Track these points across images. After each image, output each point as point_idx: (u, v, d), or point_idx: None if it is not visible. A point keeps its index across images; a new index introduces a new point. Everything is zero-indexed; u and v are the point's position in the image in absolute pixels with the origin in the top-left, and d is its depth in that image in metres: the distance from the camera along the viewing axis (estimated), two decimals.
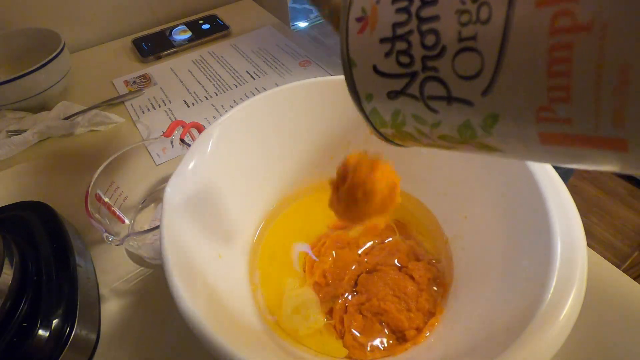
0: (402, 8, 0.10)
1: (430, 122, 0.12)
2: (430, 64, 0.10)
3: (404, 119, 0.12)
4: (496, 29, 0.09)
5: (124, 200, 0.35)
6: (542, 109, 0.09)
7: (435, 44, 0.10)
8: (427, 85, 0.11)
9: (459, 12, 0.09)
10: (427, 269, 0.30)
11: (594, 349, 0.27)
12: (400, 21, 0.11)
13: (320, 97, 0.33)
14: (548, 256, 0.20)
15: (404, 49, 0.11)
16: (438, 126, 0.11)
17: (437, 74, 0.10)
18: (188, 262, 0.23)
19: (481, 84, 0.09)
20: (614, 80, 0.07)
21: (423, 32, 0.10)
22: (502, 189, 0.27)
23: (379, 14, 0.11)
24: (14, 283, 0.26)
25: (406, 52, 0.11)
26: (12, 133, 0.46)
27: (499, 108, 0.09)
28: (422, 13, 0.10)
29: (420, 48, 0.10)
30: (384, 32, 0.11)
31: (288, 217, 0.35)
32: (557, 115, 0.08)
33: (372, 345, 0.26)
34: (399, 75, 0.11)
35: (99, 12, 0.64)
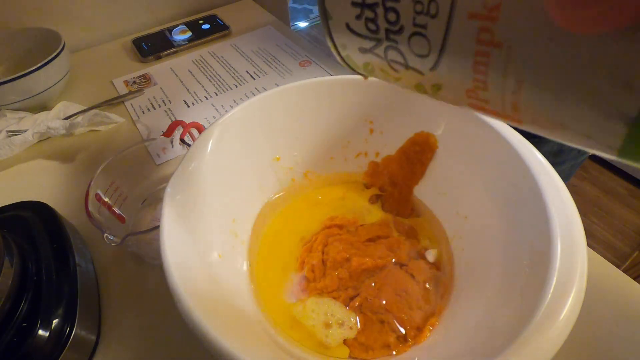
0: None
1: (393, 76, 0.14)
2: (392, 37, 0.12)
3: (372, 68, 0.14)
4: (440, 26, 0.10)
5: (124, 200, 0.35)
6: (469, 90, 0.11)
7: (395, 21, 0.12)
8: (389, 52, 0.13)
9: (415, 1, 0.11)
10: (427, 268, 0.30)
11: (594, 349, 0.27)
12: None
13: (320, 97, 0.33)
14: (548, 256, 0.20)
15: (371, 17, 0.12)
16: (399, 80, 0.14)
17: (397, 46, 0.12)
18: (188, 262, 0.23)
19: (429, 63, 0.12)
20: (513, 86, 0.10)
21: (387, 9, 0.12)
22: (503, 189, 0.27)
23: None
24: (14, 283, 0.26)
25: (373, 21, 0.12)
26: (12, 133, 0.46)
27: (442, 81, 0.12)
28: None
29: (384, 21, 0.12)
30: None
31: (286, 215, 0.35)
32: (479, 96, 0.11)
33: (372, 344, 0.26)
34: (367, 37, 0.13)
35: (99, 12, 0.64)
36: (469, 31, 0.10)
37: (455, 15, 0.10)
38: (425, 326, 0.26)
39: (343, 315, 0.28)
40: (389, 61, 0.13)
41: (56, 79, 0.50)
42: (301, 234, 0.33)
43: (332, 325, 0.27)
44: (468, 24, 0.10)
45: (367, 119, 0.34)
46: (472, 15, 0.10)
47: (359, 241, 0.32)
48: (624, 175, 1.30)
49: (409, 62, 0.12)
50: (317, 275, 0.30)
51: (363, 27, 0.13)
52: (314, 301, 0.29)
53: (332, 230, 0.33)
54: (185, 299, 0.20)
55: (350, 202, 0.36)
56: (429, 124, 0.32)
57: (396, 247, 0.31)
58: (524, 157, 0.25)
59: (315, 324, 0.27)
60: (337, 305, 0.28)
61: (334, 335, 0.27)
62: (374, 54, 0.13)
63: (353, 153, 0.36)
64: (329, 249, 0.31)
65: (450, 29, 0.10)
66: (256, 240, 0.33)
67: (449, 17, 0.10)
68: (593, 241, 1.16)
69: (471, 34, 0.10)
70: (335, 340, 0.26)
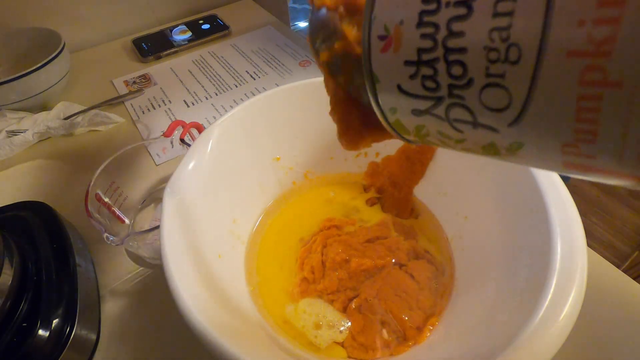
0: (428, 34, 0.10)
1: (454, 138, 0.12)
2: (456, 92, 0.10)
3: (427, 132, 0.12)
4: (525, 72, 0.09)
5: (124, 200, 0.35)
6: (567, 144, 0.09)
7: (462, 75, 0.10)
8: (452, 110, 0.11)
9: (487, 48, 0.09)
10: (427, 267, 0.30)
11: (594, 349, 0.27)
12: (425, 47, 0.10)
13: (320, 97, 0.33)
14: (548, 256, 0.20)
15: (430, 74, 0.11)
16: (462, 142, 0.12)
17: (464, 102, 0.10)
18: (188, 262, 0.23)
19: (508, 117, 0.10)
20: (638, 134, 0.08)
21: (450, 62, 0.10)
22: (503, 189, 0.27)
23: (403, 37, 0.11)
24: (14, 283, 0.26)
25: (432, 78, 0.11)
26: (12, 133, 0.46)
27: (525, 139, 0.10)
28: (448, 43, 0.10)
29: (447, 77, 0.10)
30: (408, 56, 0.11)
31: (286, 215, 0.35)
32: (582, 151, 0.09)
33: (372, 344, 0.26)
34: (424, 97, 0.11)
35: (99, 12, 0.64)
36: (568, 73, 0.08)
37: (546, 57, 0.08)
38: (425, 326, 0.26)
39: (334, 317, 0.28)
40: (451, 121, 0.11)
41: (56, 79, 0.50)
42: (301, 235, 0.33)
43: (322, 326, 0.27)
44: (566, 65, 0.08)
45: None
46: (572, 54, 0.08)
47: (358, 242, 0.32)
48: None
49: (479, 118, 0.10)
50: (316, 276, 0.30)
51: (419, 86, 0.11)
52: (306, 302, 0.29)
53: (331, 231, 0.33)
54: (185, 299, 0.20)
55: (349, 202, 0.36)
56: None
57: (395, 248, 0.31)
58: None
59: (305, 324, 0.27)
60: (329, 307, 0.28)
61: (323, 336, 0.27)
62: (432, 114, 0.11)
63: (353, 153, 0.36)
64: (328, 249, 0.31)
65: (538, 74, 0.08)
66: (256, 241, 0.33)
67: (537, 61, 0.08)
68: (593, 241, 1.16)
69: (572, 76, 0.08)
70: (325, 341, 0.26)
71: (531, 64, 0.08)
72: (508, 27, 0.09)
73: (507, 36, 0.09)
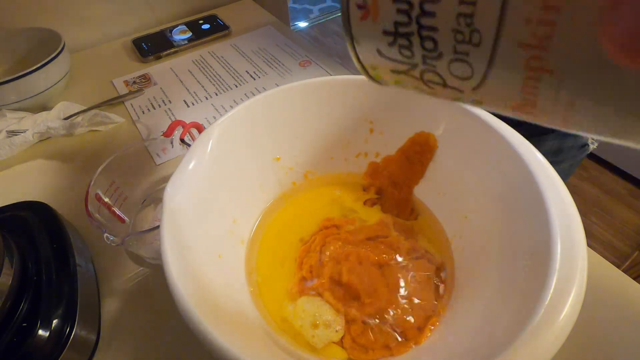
0: (403, 10, 0.11)
1: (427, 92, 0.14)
2: (429, 62, 0.12)
3: (405, 84, 0.14)
4: (485, 54, 0.11)
5: (124, 200, 0.35)
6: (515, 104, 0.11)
7: (433, 49, 0.11)
8: (427, 74, 0.12)
9: (454, 30, 0.11)
10: (427, 267, 0.30)
11: (594, 349, 0.27)
12: (401, 21, 0.11)
13: (319, 97, 0.33)
14: (548, 256, 0.20)
15: (406, 45, 0.12)
16: (434, 95, 0.14)
17: (435, 69, 0.12)
18: (188, 262, 0.23)
19: (471, 84, 0.12)
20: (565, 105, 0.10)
21: (423, 37, 0.11)
22: (502, 189, 0.27)
23: (380, 9, 0.12)
24: (14, 283, 0.26)
25: (408, 48, 0.12)
26: (12, 133, 0.46)
27: (484, 99, 0.12)
28: (421, 21, 0.11)
29: (420, 48, 0.12)
30: (386, 26, 0.12)
31: (286, 215, 0.35)
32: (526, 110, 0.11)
33: (372, 345, 0.26)
34: (401, 62, 0.13)
35: (99, 12, 0.64)
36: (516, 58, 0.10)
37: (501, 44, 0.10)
38: (426, 326, 0.26)
39: (331, 317, 0.28)
40: (425, 81, 0.13)
41: (56, 79, 0.50)
42: (301, 235, 0.33)
43: (319, 325, 0.27)
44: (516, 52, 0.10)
45: (367, 119, 0.34)
46: (521, 45, 0.10)
47: (357, 240, 0.32)
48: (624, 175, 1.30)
49: (449, 82, 0.12)
50: (314, 275, 0.30)
51: (397, 53, 0.12)
52: (304, 300, 0.29)
53: (331, 230, 0.33)
54: (185, 299, 0.20)
55: (349, 202, 0.36)
56: (429, 124, 0.32)
57: (395, 247, 0.31)
58: (524, 157, 0.25)
59: (303, 324, 0.27)
60: (326, 307, 0.28)
61: (320, 336, 0.27)
62: (408, 75, 0.13)
63: (353, 153, 0.36)
64: (327, 248, 0.31)
65: (495, 55, 0.10)
66: (256, 241, 0.33)
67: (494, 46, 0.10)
68: (593, 241, 1.16)
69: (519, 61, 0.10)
70: (322, 341, 0.26)
71: (489, 47, 0.10)
72: (472, 14, 0.10)
73: (471, 22, 0.10)
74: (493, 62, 0.11)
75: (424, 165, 0.33)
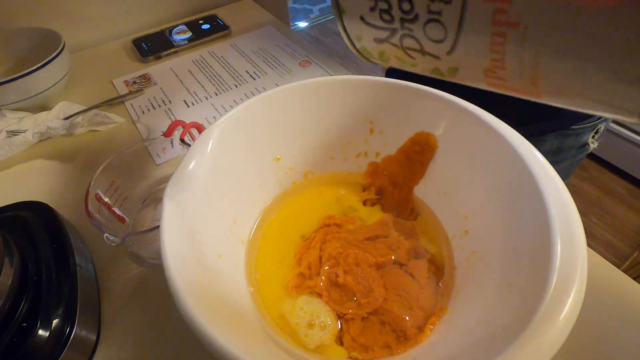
0: None
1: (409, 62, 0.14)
2: (407, 25, 0.13)
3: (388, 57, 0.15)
4: (455, 12, 0.11)
5: (124, 200, 0.35)
6: (487, 69, 0.12)
7: (410, 10, 0.12)
8: (405, 40, 0.13)
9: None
10: (427, 267, 0.30)
11: (594, 349, 0.27)
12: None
13: (319, 97, 0.33)
14: (548, 256, 0.20)
15: (385, 8, 0.13)
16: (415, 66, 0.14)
17: (412, 33, 0.13)
18: (188, 262, 0.23)
19: (445, 47, 0.12)
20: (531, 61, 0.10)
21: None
22: (502, 188, 0.27)
23: None
24: (14, 283, 0.26)
25: (387, 12, 0.13)
26: (12, 133, 0.46)
27: (459, 64, 0.13)
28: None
29: (399, 11, 0.13)
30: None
31: (286, 215, 0.35)
32: (498, 75, 0.12)
33: (372, 344, 0.26)
34: (382, 28, 0.14)
35: (99, 12, 0.64)
36: (484, 14, 0.10)
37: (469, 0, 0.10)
38: (426, 326, 0.26)
39: (329, 319, 0.28)
40: (404, 49, 0.14)
41: (56, 79, 0.50)
42: (301, 232, 0.33)
43: (314, 326, 0.27)
44: (483, 7, 0.10)
45: (367, 119, 0.34)
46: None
47: (357, 239, 0.32)
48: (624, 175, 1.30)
49: (425, 47, 0.13)
50: (312, 272, 0.30)
51: (378, 18, 0.13)
52: (304, 300, 0.29)
53: (331, 229, 0.33)
54: (185, 299, 0.20)
55: (349, 202, 0.36)
56: (429, 124, 0.32)
57: (396, 247, 0.31)
58: (524, 157, 0.25)
59: (299, 322, 0.27)
60: (326, 308, 0.28)
61: (313, 336, 0.27)
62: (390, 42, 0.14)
63: (353, 153, 0.36)
64: (327, 246, 0.31)
65: (465, 13, 0.11)
66: (256, 241, 0.33)
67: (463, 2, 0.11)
68: (593, 241, 1.16)
69: (487, 16, 0.10)
70: (314, 341, 0.26)
71: (459, 4, 0.11)
72: None
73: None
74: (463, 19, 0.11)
75: (424, 165, 0.33)
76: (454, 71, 0.13)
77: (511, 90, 0.12)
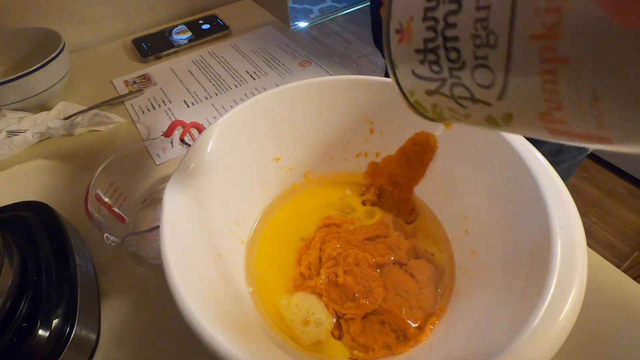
0: (431, 27, 0.13)
1: (462, 113, 0.14)
2: (455, 74, 0.13)
3: (441, 110, 0.15)
4: (502, 54, 0.11)
5: (124, 200, 0.35)
6: (543, 113, 0.11)
7: (457, 59, 0.12)
8: (455, 88, 0.13)
9: (473, 36, 0.11)
10: (427, 267, 0.30)
11: (594, 349, 0.27)
12: (429, 37, 0.13)
13: (320, 97, 0.33)
14: (548, 256, 0.20)
15: (434, 60, 0.13)
16: (469, 116, 0.14)
17: (461, 82, 0.13)
18: (188, 262, 0.23)
19: (495, 92, 0.12)
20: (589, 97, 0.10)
21: (448, 49, 0.12)
22: (502, 189, 0.27)
23: (413, 30, 0.13)
24: (14, 283, 0.26)
25: (436, 62, 0.13)
26: (12, 133, 0.46)
27: (512, 110, 0.12)
28: (446, 33, 0.12)
29: (446, 61, 0.13)
30: (417, 45, 0.13)
31: (286, 215, 0.35)
32: (556, 118, 0.11)
33: (372, 344, 0.26)
34: (432, 79, 0.14)
35: (99, 12, 0.64)
36: (531, 52, 0.10)
37: (515, 40, 0.10)
38: (426, 326, 0.26)
39: (323, 316, 0.28)
40: (455, 98, 0.13)
41: (56, 79, 0.50)
42: (301, 234, 0.33)
43: (309, 323, 0.27)
44: (529, 47, 0.10)
45: (367, 119, 0.34)
46: (532, 38, 0.10)
47: (357, 239, 0.32)
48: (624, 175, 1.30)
49: (476, 94, 0.13)
50: (312, 272, 0.30)
51: (427, 70, 0.13)
52: (299, 297, 0.29)
53: (331, 229, 0.33)
54: (185, 299, 0.20)
55: (349, 202, 0.36)
56: (429, 123, 0.32)
57: (395, 247, 0.31)
58: (524, 157, 0.25)
59: (294, 319, 0.28)
60: (320, 305, 0.28)
61: (309, 333, 0.27)
62: (441, 93, 0.14)
63: (353, 153, 0.36)
64: (326, 246, 0.31)
65: (511, 54, 0.11)
66: (256, 241, 0.33)
67: (509, 44, 0.10)
68: (593, 241, 1.16)
69: (534, 55, 0.10)
70: (310, 338, 0.27)
71: (505, 46, 0.11)
72: (487, 18, 0.11)
73: (487, 25, 0.11)
74: (510, 61, 0.11)
75: (424, 165, 0.33)
76: (508, 118, 0.12)
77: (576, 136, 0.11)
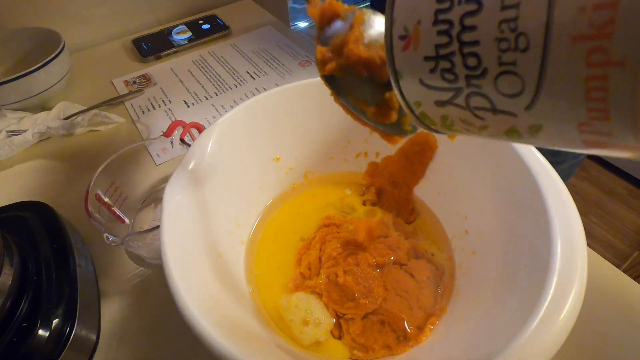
0: (443, 31, 0.11)
1: (477, 125, 0.12)
2: (473, 82, 0.11)
3: (452, 122, 0.13)
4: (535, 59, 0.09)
5: (124, 200, 0.35)
6: (582, 123, 0.09)
7: (477, 65, 0.11)
8: (472, 99, 0.11)
9: (498, 39, 0.10)
10: (427, 267, 0.30)
11: (594, 349, 0.27)
12: (442, 43, 0.11)
13: (319, 97, 0.33)
14: (548, 256, 0.20)
15: (448, 67, 0.11)
16: (485, 128, 0.12)
17: (481, 91, 0.11)
18: (188, 262, 0.23)
19: (523, 101, 0.10)
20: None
21: (465, 55, 0.11)
22: (503, 189, 0.27)
23: (421, 35, 0.12)
24: (14, 283, 0.26)
25: (450, 71, 0.11)
26: (12, 133, 0.46)
27: (543, 120, 0.10)
28: (463, 37, 0.11)
29: (463, 68, 0.11)
30: (427, 52, 0.12)
31: (286, 215, 0.35)
32: (598, 129, 0.09)
33: (372, 344, 0.26)
34: (444, 89, 0.12)
35: (99, 12, 0.64)
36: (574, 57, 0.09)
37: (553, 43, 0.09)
38: (426, 326, 0.26)
39: (323, 316, 0.28)
40: (472, 109, 0.12)
41: (56, 79, 0.50)
42: (300, 234, 0.33)
43: (309, 323, 0.27)
44: (572, 49, 0.09)
45: None
46: (577, 39, 0.08)
47: (357, 239, 0.32)
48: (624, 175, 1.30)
49: (498, 105, 0.11)
50: (312, 272, 0.30)
51: (439, 79, 0.12)
52: (300, 297, 0.29)
53: (331, 229, 0.33)
54: (185, 299, 0.20)
55: (349, 202, 0.36)
56: None
57: (395, 247, 0.31)
58: (524, 157, 0.25)
59: (293, 318, 0.28)
60: (320, 305, 0.28)
61: (308, 333, 0.27)
62: (454, 104, 0.12)
63: (353, 153, 0.36)
64: (326, 246, 0.31)
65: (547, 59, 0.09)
66: (255, 241, 0.33)
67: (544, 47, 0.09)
68: (593, 241, 1.16)
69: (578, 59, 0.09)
70: (309, 338, 0.27)
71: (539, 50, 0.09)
72: (515, 18, 0.09)
73: (515, 27, 0.09)
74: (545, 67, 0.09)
75: (424, 165, 0.33)
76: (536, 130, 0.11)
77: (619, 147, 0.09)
